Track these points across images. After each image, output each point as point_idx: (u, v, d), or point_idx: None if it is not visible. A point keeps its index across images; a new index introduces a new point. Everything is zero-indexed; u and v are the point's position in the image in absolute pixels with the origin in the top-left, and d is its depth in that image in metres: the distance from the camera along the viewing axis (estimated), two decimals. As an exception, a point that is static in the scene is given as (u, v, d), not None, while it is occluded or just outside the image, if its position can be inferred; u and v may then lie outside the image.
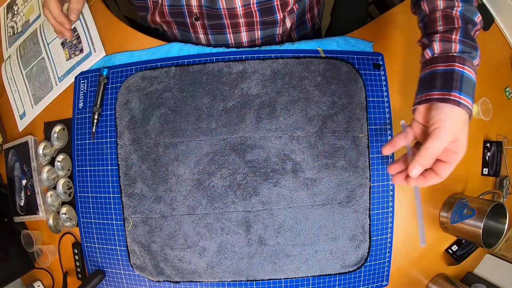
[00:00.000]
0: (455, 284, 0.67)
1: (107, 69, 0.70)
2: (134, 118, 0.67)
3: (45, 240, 0.77)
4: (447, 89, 0.43)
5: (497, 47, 0.77)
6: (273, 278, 0.66)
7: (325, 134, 0.64)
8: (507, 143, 0.75)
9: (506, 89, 0.76)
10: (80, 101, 0.71)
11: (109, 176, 0.68)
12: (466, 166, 0.71)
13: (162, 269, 0.67)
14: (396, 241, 0.66)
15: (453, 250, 0.69)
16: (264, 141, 0.64)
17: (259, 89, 0.65)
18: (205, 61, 0.68)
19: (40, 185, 0.74)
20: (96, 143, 0.69)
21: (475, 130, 0.72)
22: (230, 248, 0.65)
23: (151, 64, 0.69)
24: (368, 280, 0.66)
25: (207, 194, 0.65)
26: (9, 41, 0.88)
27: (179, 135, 0.66)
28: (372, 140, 0.65)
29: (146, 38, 0.72)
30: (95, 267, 0.71)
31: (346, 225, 0.64)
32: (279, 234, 0.64)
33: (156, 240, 0.67)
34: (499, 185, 0.75)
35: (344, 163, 0.64)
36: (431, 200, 0.68)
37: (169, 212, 0.66)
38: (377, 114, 0.65)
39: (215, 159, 0.65)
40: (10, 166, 0.80)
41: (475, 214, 0.61)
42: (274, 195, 0.64)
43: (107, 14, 0.76)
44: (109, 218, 0.69)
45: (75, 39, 0.75)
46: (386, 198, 0.65)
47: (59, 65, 0.76)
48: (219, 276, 0.66)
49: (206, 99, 0.66)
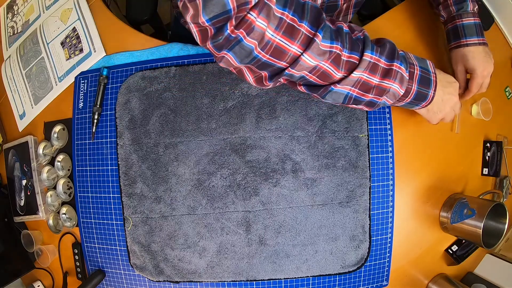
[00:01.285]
0: (455, 284, 0.67)
1: (107, 69, 0.70)
2: (134, 118, 0.67)
3: (45, 240, 0.77)
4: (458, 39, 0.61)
5: (497, 47, 0.77)
6: (273, 278, 0.66)
7: (325, 134, 0.64)
8: (507, 143, 0.75)
9: (506, 89, 0.76)
10: (80, 101, 0.71)
11: (109, 176, 0.68)
12: (466, 166, 0.71)
13: (162, 269, 0.67)
14: (396, 241, 0.66)
15: (453, 250, 0.69)
16: (264, 141, 0.64)
17: (259, 89, 0.65)
18: (205, 61, 0.67)
19: (40, 185, 0.74)
20: (96, 143, 0.69)
21: (475, 130, 0.72)
22: (230, 248, 0.65)
23: (151, 64, 0.69)
24: (368, 280, 0.66)
25: (207, 194, 0.65)
26: (9, 41, 0.88)
27: (179, 135, 0.66)
28: (372, 140, 0.65)
29: (146, 38, 0.72)
30: (95, 267, 0.71)
31: (346, 225, 0.64)
32: (279, 234, 0.64)
33: (156, 240, 0.67)
34: (499, 185, 0.75)
35: (344, 163, 0.64)
36: (431, 200, 0.68)
37: (169, 212, 0.66)
38: (377, 114, 0.65)
39: (215, 159, 0.65)
40: (10, 166, 0.80)
41: (475, 214, 0.61)
42: (274, 195, 0.64)
43: (107, 14, 0.76)
44: (109, 218, 0.69)
45: (74, 39, 0.75)
46: (386, 198, 0.65)
47: (59, 65, 0.76)
48: (219, 276, 0.66)
49: (206, 99, 0.66)
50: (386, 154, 0.65)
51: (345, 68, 0.45)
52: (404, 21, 0.71)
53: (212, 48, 0.42)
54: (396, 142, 0.65)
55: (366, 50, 0.45)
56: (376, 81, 0.47)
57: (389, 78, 0.47)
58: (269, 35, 0.40)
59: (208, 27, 0.39)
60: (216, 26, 0.39)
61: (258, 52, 0.41)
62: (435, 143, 0.68)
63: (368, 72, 0.46)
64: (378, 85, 0.47)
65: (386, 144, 0.65)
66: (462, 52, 0.61)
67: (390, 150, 0.65)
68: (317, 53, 0.42)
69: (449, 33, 0.63)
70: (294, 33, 0.41)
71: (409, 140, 0.66)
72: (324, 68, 0.44)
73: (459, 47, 0.61)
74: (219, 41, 0.40)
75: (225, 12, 0.37)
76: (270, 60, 0.42)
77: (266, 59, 0.42)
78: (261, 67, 0.44)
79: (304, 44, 0.41)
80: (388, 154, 0.65)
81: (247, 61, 0.43)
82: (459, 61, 0.62)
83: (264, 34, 0.39)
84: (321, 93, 0.48)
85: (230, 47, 0.40)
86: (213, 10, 0.37)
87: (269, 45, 0.40)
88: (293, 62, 0.43)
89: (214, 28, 0.39)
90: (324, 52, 0.42)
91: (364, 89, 0.47)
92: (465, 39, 0.60)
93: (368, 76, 0.46)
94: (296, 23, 0.41)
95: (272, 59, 0.42)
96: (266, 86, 0.48)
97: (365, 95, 0.48)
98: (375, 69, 0.46)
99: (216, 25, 0.38)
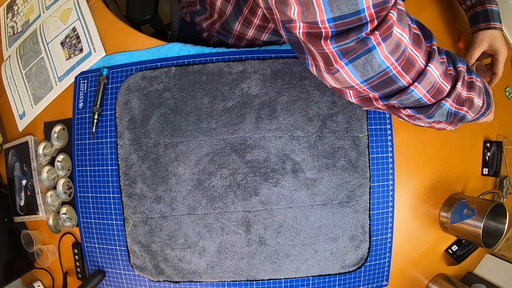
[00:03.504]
0: (455, 284, 0.67)
1: (107, 69, 0.70)
2: (134, 118, 0.67)
3: (45, 240, 0.77)
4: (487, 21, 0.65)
5: (497, 47, 0.77)
6: (273, 278, 0.66)
7: (325, 134, 0.64)
8: (507, 143, 0.75)
9: (506, 89, 0.76)
10: (80, 101, 0.71)
11: (109, 176, 0.68)
12: (466, 166, 0.71)
13: (162, 269, 0.67)
14: (396, 241, 0.66)
15: (453, 250, 0.69)
16: (264, 141, 0.64)
17: (259, 89, 0.65)
18: (205, 61, 0.67)
19: (40, 185, 0.74)
20: (96, 143, 0.69)
21: (475, 130, 0.72)
22: (230, 248, 0.65)
23: (151, 64, 0.69)
24: (368, 280, 0.66)
25: (207, 194, 0.65)
26: (9, 41, 0.88)
27: (179, 135, 0.66)
28: (372, 140, 0.65)
29: (146, 38, 0.72)
30: (95, 267, 0.71)
31: (346, 225, 0.64)
32: (279, 234, 0.64)
33: (156, 240, 0.67)
34: (499, 185, 0.75)
35: (344, 163, 0.64)
36: (431, 200, 0.68)
37: (169, 212, 0.66)
38: (377, 114, 0.65)
39: (215, 159, 0.65)
40: (10, 166, 0.80)
41: (475, 214, 0.61)
42: (274, 195, 0.64)
43: (107, 14, 0.76)
44: (109, 218, 0.69)
45: (74, 39, 0.75)
46: (386, 198, 0.65)
47: (59, 65, 0.76)
48: (219, 276, 0.66)
49: (206, 99, 0.66)
50: (386, 154, 0.65)
51: (451, 80, 0.43)
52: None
53: (335, 53, 0.35)
54: (396, 142, 0.65)
55: (456, 62, 0.44)
56: (465, 93, 0.46)
57: (473, 89, 0.47)
58: (406, 42, 0.35)
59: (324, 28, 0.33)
60: (339, 30, 0.33)
61: (390, 64, 0.35)
62: (435, 143, 0.68)
63: (461, 84, 0.44)
64: (467, 97, 0.46)
65: (386, 144, 0.65)
66: (490, 33, 0.65)
67: (390, 150, 0.65)
68: (436, 63, 0.39)
69: (477, 16, 0.67)
70: (420, 43, 0.38)
71: (409, 140, 0.66)
72: (439, 83, 0.41)
73: (489, 28, 0.65)
74: (348, 44, 0.33)
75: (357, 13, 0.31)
76: (398, 75, 0.37)
77: (396, 73, 0.37)
78: (380, 86, 0.38)
79: (426, 56, 0.39)
80: (388, 154, 0.65)
81: (371, 76, 0.36)
82: (486, 41, 0.66)
83: (401, 41, 0.35)
84: (432, 112, 0.44)
85: (357, 56, 0.34)
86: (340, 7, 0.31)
87: (403, 55, 0.36)
88: (419, 76, 0.38)
89: (334, 31, 0.33)
90: (442, 63, 0.41)
91: (459, 103, 0.45)
92: (494, 22, 0.65)
93: (461, 89, 0.45)
94: (417, 31, 0.38)
95: (401, 73, 0.37)
96: (376, 107, 0.43)
97: (461, 108, 0.46)
98: (464, 81, 0.46)
99: (339, 28, 0.33)
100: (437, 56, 0.40)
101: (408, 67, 0.37)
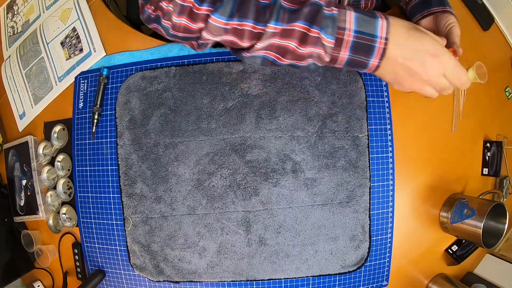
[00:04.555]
0: (455, 284, 0.67)
1: (107, 69, 0.70)
2: (134, 118, 0.67)
3: (45, 240, 0.77)
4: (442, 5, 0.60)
5: (497, 47, 0.77)
6: (273, 278, 0.66)
7: (325, 134, 0.64)
8: (507, 143, 0.75)
9: (506, 89, 0.76)
10: (80, 101, 0.71)
11: (109, 176, 0.68)
12: (466, 166, 0.71)
13: (162, 269, 0.67)
14: (396, 241, 0.66)
15: (453, 250, 0.69)
16: (264, 141, 0.64)
17: (259, 89, 0.65)
18: (205, 61, 0.68)
19: (40, 185, 0.74)
20: (96, 143, 0.69)
21: (475, 130, 0.72)
22: (230, 248, 0.65)
23: (151, 64, 0.69)
24: (368, 280, 0.66)
25: (207, 194, 0.65)
26: (9, 41, 0.88)
27: (179, 135, 0.66)
28: (372, 140, 0.65)
29: (146, 38, 0.72)
30: (95, 267, 0.71)
31: (346, 225, 0.64)
32: (279, 234, 0.64)
33: (156, 240, 0.67)
34: (499, 185, 0.75)
35: (344, 163, 0.64)
36: (431, 200, 0.68)
37: (169, 212, 0.66)
38: (377, 114, 0.65)
39: (215, 159, 0.65)
40: (10, 166, 0.80)
41: (475, 214, 0.61)
42: (274, 195, 0.64)
43: (107, 14, 0.76)
44: (109, 218, 0.69)
45: (74, 39, 0.75)
46: (386, 198, 0.65)
47: (59, 65, 0.76)
48: (219, 276, 0.66)
49: (206, 99, 0.66)
50: (386, 154, 0.65)
51: (249, 38, 0.46)
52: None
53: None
54: (396, 142, 0.65)
55: (271, 21, 0.45)
56: (293, 45, 0.46)
57: (308, 44, 0.45)
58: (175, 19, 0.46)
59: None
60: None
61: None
62: (435, 143, 0.68)
63: (279, 37, 0.45)
64: (294, 50, 0.46)
65: (386, 144, 0.65)
66: (444, 15, 0.58)
67: (390, 150, 0.65)
68: (213, 31, 0.46)
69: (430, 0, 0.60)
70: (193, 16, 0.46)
71: (409, 140, 0.66)
72: (229, 40, 0.47)
73: (445, 12, 0.58)
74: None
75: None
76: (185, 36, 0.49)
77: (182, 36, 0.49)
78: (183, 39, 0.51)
79: (203, 22, 0.46)
80: (388, 154, 0.65)
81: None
82: (443, 22, 0.58)
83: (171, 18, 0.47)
84: (239, 56, 0.51)
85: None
86: None
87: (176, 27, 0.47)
88: (199, 37, 0.48)
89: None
90: (219, 29, 0.46)
91: (281, 53, 0.47)
92: (449, 7, 0.59)
93: (282, 41, 0.45)
94: (195, 7, 0.45)
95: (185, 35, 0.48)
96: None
97: (282, 59, 0.48)
98: (288, 35, 0.45)
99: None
100: (214, 23, 0.46)
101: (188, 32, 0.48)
